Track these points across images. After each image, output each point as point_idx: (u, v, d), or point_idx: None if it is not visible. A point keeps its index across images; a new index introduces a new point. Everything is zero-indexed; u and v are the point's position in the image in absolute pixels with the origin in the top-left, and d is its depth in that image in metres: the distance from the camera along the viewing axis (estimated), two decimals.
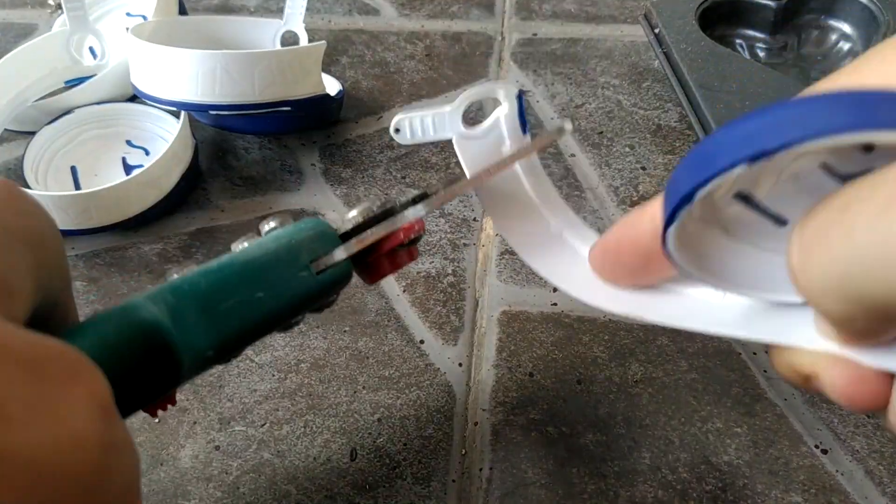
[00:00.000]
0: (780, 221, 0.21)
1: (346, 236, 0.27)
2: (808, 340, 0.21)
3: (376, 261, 0.28)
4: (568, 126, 0.28)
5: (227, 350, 0.23)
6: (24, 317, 0.18)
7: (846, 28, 0.50)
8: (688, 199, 0.19)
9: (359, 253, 0.26)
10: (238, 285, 0.23)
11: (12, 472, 0.14)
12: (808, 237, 0.18)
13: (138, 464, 0.19)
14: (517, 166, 0.30)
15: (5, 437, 0.15)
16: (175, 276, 0.24)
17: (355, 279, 0.28)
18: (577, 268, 0.29)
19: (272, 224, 0.26)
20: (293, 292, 0.25)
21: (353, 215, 0.27)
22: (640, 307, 0.26)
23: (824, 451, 0.33)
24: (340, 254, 0.26)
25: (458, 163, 0.46)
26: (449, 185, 0.28)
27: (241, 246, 0.26)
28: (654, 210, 0.23)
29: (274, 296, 0.24)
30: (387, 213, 0.28)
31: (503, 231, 0.30)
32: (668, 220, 0.20)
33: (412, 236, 0.28)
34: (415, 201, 0.28)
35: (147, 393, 0.22)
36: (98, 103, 0.47)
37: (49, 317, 0.21)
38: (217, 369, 0.37)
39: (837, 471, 0.33)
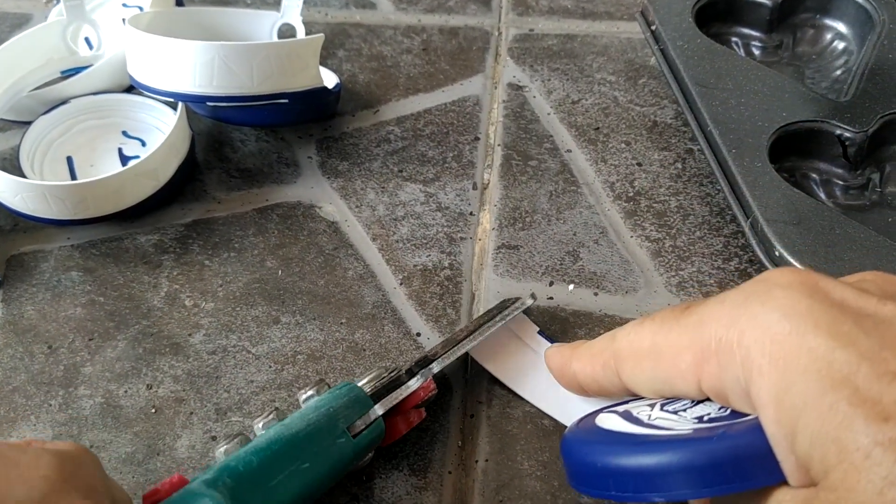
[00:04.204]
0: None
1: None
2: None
3: (393, 421, 0.31)
4: (531, 301, 0.36)
5: None
6: None
7: (841, 27, 0.51)
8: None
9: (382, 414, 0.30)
10: (286, 459, 0.27)
11: None
12: None
13: None
14: None
15: None
16: (222, 448, 0.27)
17: None
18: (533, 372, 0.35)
19: (309, 393, 0.30)
20: (334, 458, 0.28)
21: (363, 383, 0.31)
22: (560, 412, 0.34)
23: None
24: (377, 411, 0.30)
25: (454, 157, 0.46)
26: (447, 346, 0.33)
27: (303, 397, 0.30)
28: (580, 369, 0.30)
29: (317, 464, 0.28)
30: (394, 380, 0.32)
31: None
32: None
33: (430, 395, 0.32)
34: (418, 365, 0.32)
35: None
36: (94, 94, 0.47)
37: None
38: (214, 359, 0.37)
39: None
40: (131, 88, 0.48)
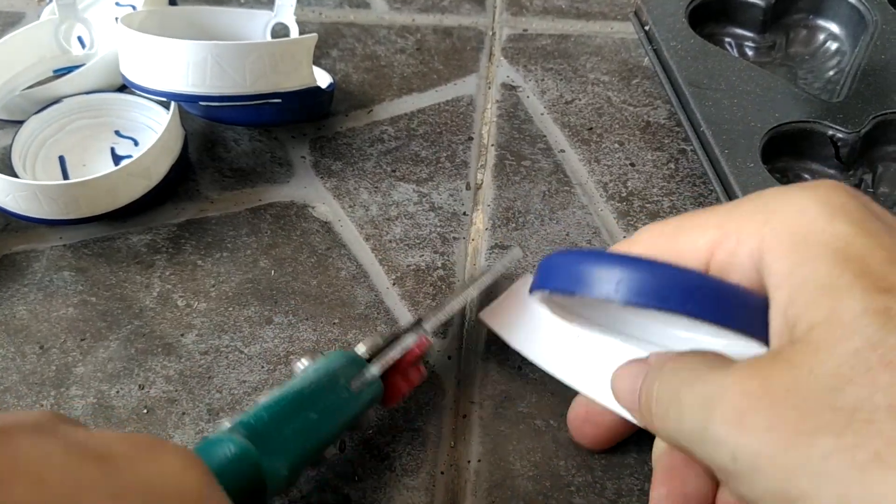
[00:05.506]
0: None
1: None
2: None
3: (393, 381, 0.33)
4: (518, 253, 0.38)
5: (296, 468, 0.28)
6: None
7: (834, 28, 0.51)
8: (540, 289, 0.26)
9: (381, 375, 0.32)
10: (295, 411, 0.29)
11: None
12: None
13: None
14: None
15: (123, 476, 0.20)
16: (225, 421, 0.29)
17: None
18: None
19: (305, 362, 0.32)
20: (339, 409, 0.30)
21: (362, 351, 0.32)
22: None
23: None
24: (374, 371, 0.31)
25: (448, 157, 0.46)
26: (437, 308, 0.35)
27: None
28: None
29: (325, 415, 0.29)
30: (390, 342, 0.33)
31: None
32: (532, 289, 0.27)
33: (426, 350, 0.33)
34: (413, 326, 0.34)
35: None
36: (87, 93, 0.47)
37: None
38: (206, 359, 0.37)
39: None
40: (124, 88, 0.48)
